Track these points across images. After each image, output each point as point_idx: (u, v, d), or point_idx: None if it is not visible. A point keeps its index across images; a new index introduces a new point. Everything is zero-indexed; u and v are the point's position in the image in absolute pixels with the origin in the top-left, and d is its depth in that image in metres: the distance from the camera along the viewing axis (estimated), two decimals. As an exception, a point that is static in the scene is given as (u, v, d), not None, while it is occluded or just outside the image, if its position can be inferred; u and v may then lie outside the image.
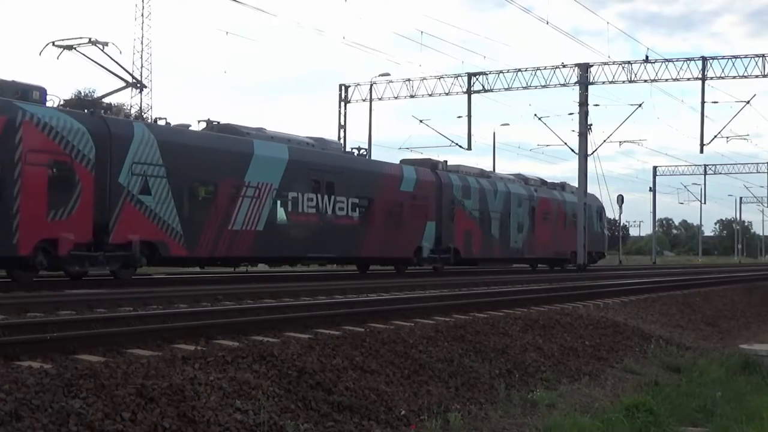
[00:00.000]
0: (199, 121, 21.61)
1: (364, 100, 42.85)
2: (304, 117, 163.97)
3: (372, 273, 28.19)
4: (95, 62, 18.82)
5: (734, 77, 36.82)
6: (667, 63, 37.80)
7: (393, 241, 26.30)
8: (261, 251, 21.61)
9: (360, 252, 25.39)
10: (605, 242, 44.12)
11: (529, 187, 35.78)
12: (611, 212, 71.42)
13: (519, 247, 34.07)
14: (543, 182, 38.40)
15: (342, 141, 42.46)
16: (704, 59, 37.19)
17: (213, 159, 20.03)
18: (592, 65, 38.39)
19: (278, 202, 21.86)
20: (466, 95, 40.27)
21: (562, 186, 39.69)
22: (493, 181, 33.05)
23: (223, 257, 20.95)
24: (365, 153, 28.80)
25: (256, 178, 21.09)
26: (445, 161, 31.63)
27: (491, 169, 40.81)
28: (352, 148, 28.20)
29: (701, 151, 39.22)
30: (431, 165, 30.08)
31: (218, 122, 21.78)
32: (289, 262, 25.41)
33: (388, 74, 42.52)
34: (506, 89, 39.79)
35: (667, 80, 37.62)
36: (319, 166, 23.47)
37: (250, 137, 21.68)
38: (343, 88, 43.39)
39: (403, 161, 30.17)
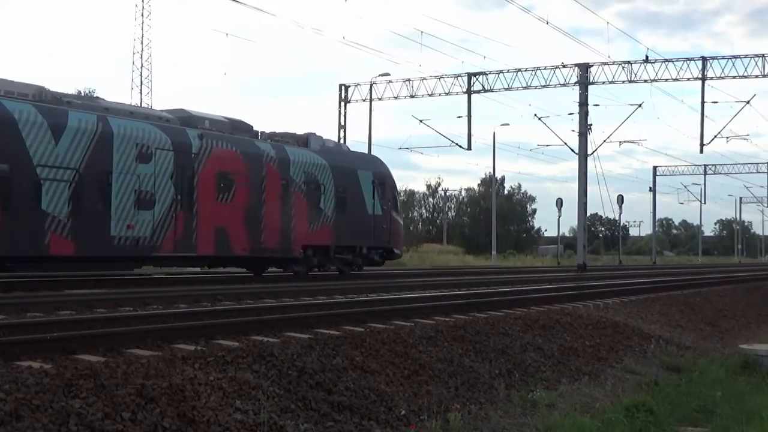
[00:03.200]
0: None
1: (364, 100, 42.86)
2: (304, 117, 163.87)
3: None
4: None
5: (734, 77, 36.86)
6: (667, 63, 37.83)
7: None
8: None
9: None
10: (395, 233, 26.21)
11: (181, 131, 19.53)
12: (611, 212, 71.11)
13: (139, 236, 18.24)
14: (237, 125, 21.79)
15: (342, 141, 42.52)
16: (704, 59, 37.23)
17: None
18: (592, 65, 38.40)
19: None
20: (466, 95, 40.28)
21: (305, 140, 23.76)
22: (51, 111, 16.81)
23: None
24: None
25: None
26: None
27: (492, 171, 39.68)
28: None
29: (701, 151, 39.29)
30: None
31: None
32: None
33: (388, 74, 42.50)
34: (506, 89, 39.82)
35: (667, 80, 37.67)
36: None
37: None
38: (343, 88, 43.41)
39: None
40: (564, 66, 38.83)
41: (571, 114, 39.95)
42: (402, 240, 28.26)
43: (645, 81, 37.93)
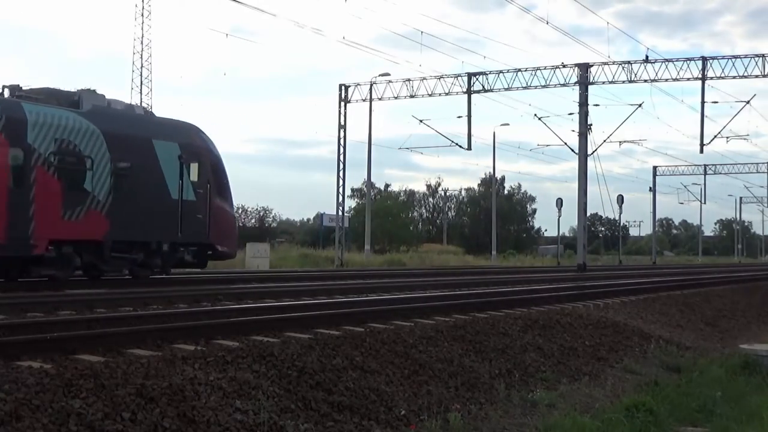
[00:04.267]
0: None
1: (364, 100, 42.85)
2: (304, 117, 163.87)
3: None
4: None
5: (734, 77, 36.86)
6: (667, 63, 37.83)
7: None
8: None
9: None
10: (220, 225, 20.12)
11: None
12: (611, 212, 71.06)
13: None
14: None
15: (342, 141, 42.53)
16: (704, 59, 37.23)
17: None
18: (592, 65, 38.41)
19: None
20: (466, 95, 40.26)
21: (75, 99, 17.87)
22: None
23: None
24: None
25: None
26: None
27: (492, 171, 39.55)
28: None
29: (701, 151, 39.25)
30: None
31: None
32: None
33: (388, 74, 42.52)
34: (506, 89, 39.81)
35: (667, 80, 37.66)
36: None
37: None
38: (343, 88, 43.40)
39: None
40: (564, 66, 38.85)
41: (571, 114, 40.03)
42: (233, 235, 21.34)
43: (645, 81, 37.94)
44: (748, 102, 39.18)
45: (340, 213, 43.86)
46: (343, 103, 43.16)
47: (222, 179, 20.51)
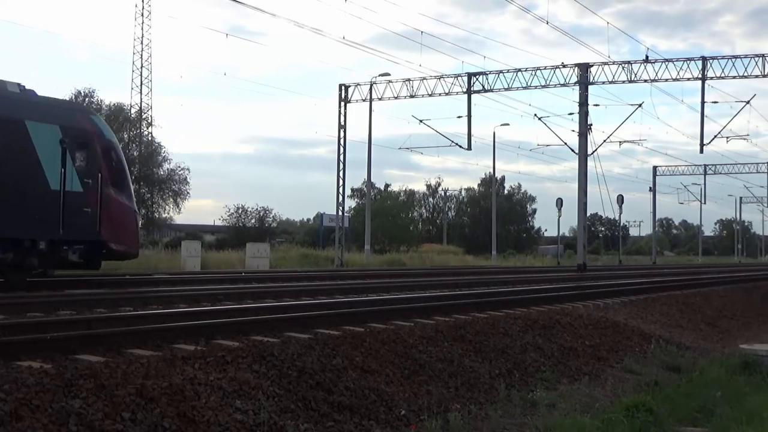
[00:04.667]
0: None
1: (364, 100, 42.83)
2: (304, 117, 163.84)
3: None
4: None
5: (734, 77, 36.83)
6: (667, 63, 37.79)
7: None
8: None
9: None
10: (114, 220, 17.23)
11: None
12: (611, 212, 70.97)
13: None
14: None
15: (342, 141, 42.53)
16: (704, 59, 37.20)
17: None
18: (592, 65, 38.37)
19: None
20: (466, 95, 40.23)
21: None
22: None
23: None
24: None
25: None
26: None
27: (492, 171, 39.30)
28: None
29: (701, 151, 39.15)
30: None
31: None
32: None
33: (388, 74, 42.50)
34: (506, 89, 39.78)
35: (667, 80, 37.59)
36: None
37: None
38: (343, 88, 43.39)
39: None
40: (564, 66, 38.78)
41: (571, 114, 39.92)
42: (131, 231, 18.07)
43: (645, 81, 37.87)
44: (748, 102, 39.16)
45: (340, 213, 43.86)
46: (343, 103, 43.13)
47: (117, 168, 17.61)
